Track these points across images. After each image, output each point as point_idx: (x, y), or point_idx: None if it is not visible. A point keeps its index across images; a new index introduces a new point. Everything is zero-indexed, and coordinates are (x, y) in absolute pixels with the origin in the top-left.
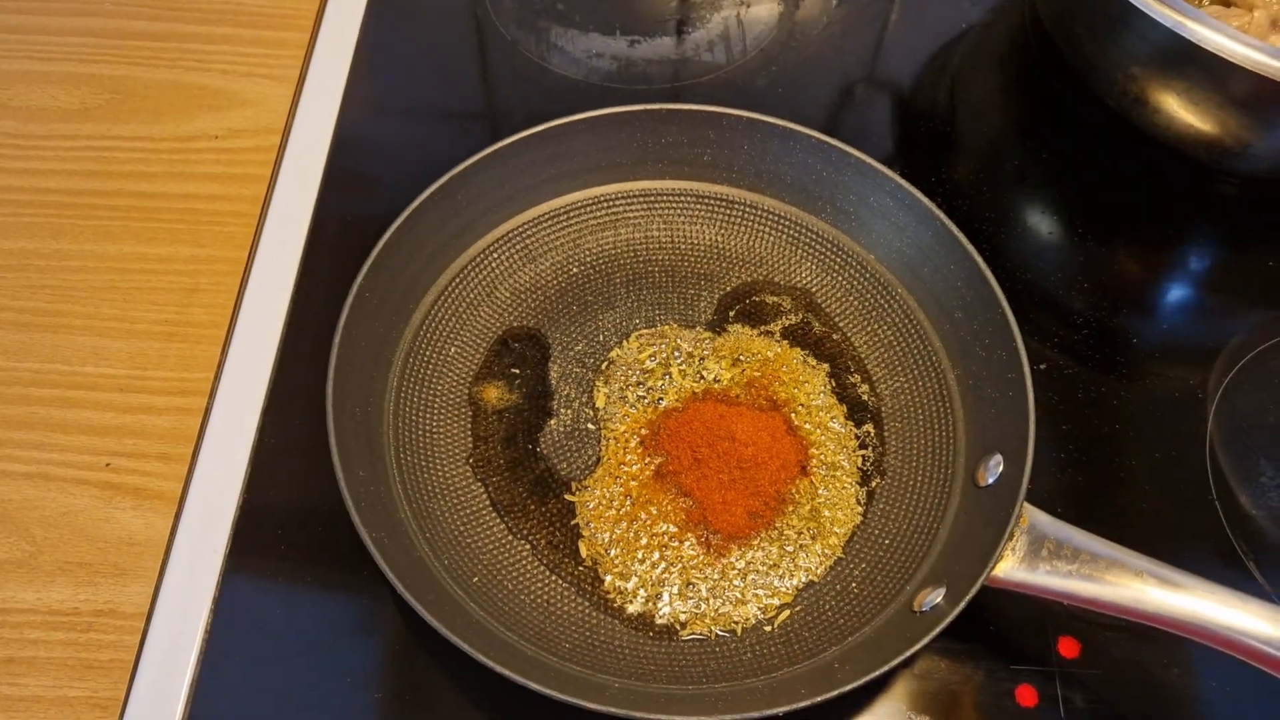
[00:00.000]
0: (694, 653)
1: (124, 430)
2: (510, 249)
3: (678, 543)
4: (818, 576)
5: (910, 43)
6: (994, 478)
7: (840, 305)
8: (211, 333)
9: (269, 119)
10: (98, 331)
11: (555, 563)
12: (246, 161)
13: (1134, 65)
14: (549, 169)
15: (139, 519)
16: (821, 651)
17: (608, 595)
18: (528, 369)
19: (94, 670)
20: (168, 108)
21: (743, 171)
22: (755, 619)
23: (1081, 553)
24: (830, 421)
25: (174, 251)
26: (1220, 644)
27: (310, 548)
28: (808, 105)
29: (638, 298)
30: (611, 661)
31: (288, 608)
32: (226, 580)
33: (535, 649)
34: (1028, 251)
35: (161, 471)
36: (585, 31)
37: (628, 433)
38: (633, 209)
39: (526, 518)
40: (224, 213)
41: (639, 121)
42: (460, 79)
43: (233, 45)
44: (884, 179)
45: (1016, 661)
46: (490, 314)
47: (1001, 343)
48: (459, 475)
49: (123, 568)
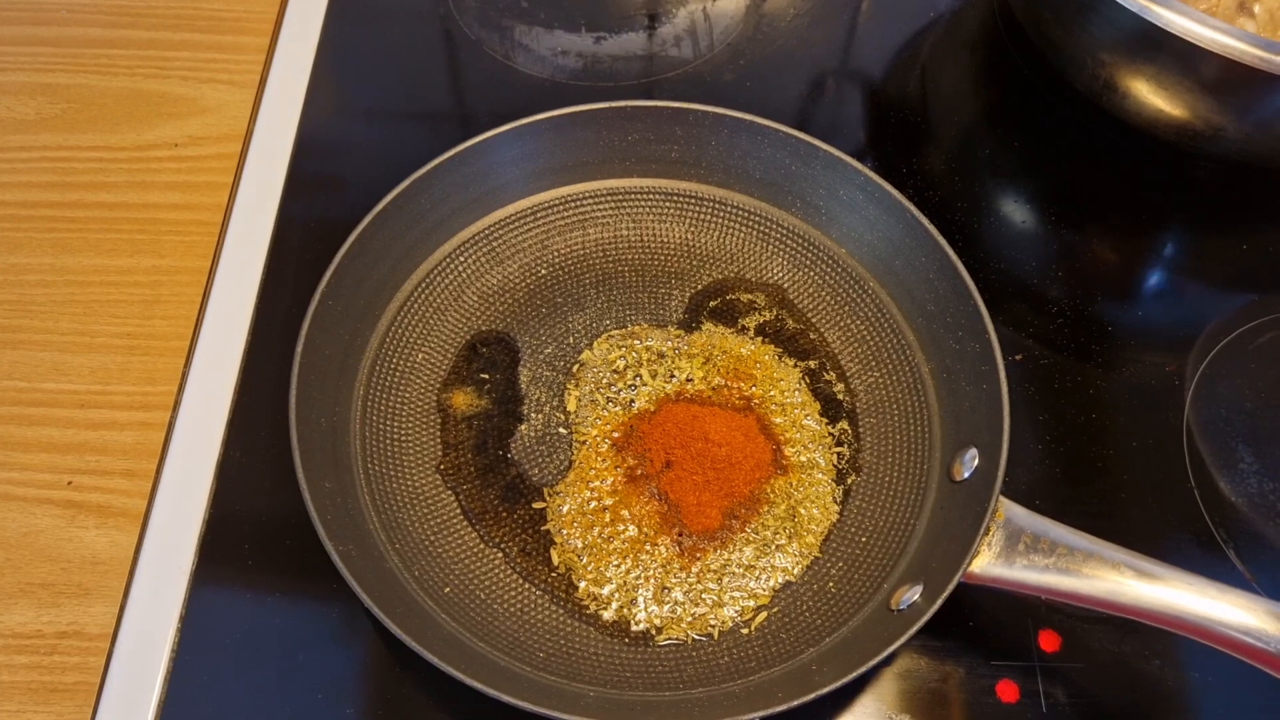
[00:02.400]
0: (670, 658)
1: (86, 447)
2: (477, 252)
3: (652, 546)
4: (794, 577)
5: (879, 33)
6: (969, 472)
7: (813, 301)
8: (174, 345)
9: (230, 125)
10: (57, 346)
11: (528, 570)
12: (207, 169)
13: (1102, 51)
14: (514, 170)
15: (103, 537)
16: (799, 653)
17: (582, 602)
18: (497, 374)
19: (59, 693)
20: (126, 116)
21: (711, 168)
22: (732, 622)
23: (1058, 546)
24: (805, 419)
25: (135, 263)
26: (1199, 635)
27: (279, 562)
28: (777, 99)
29: (608, 298)
30: (587, 670)
31: (257, 624)
32: (194, 598)
33: (509, 659)
34: (1001, 241)
35: (125, 488)
36: (550, 29)
37: (599, 436)
38: (601, 208)
39: (498, 525)
40: (185, 222)
41: (605, 119)
42: (424, 80)
43: (191, 51)
44: (853, 172)
45: (997, 657)
46: (458, 319)
47: (974, 335)
48: (428, 484)
49: (86, 588)
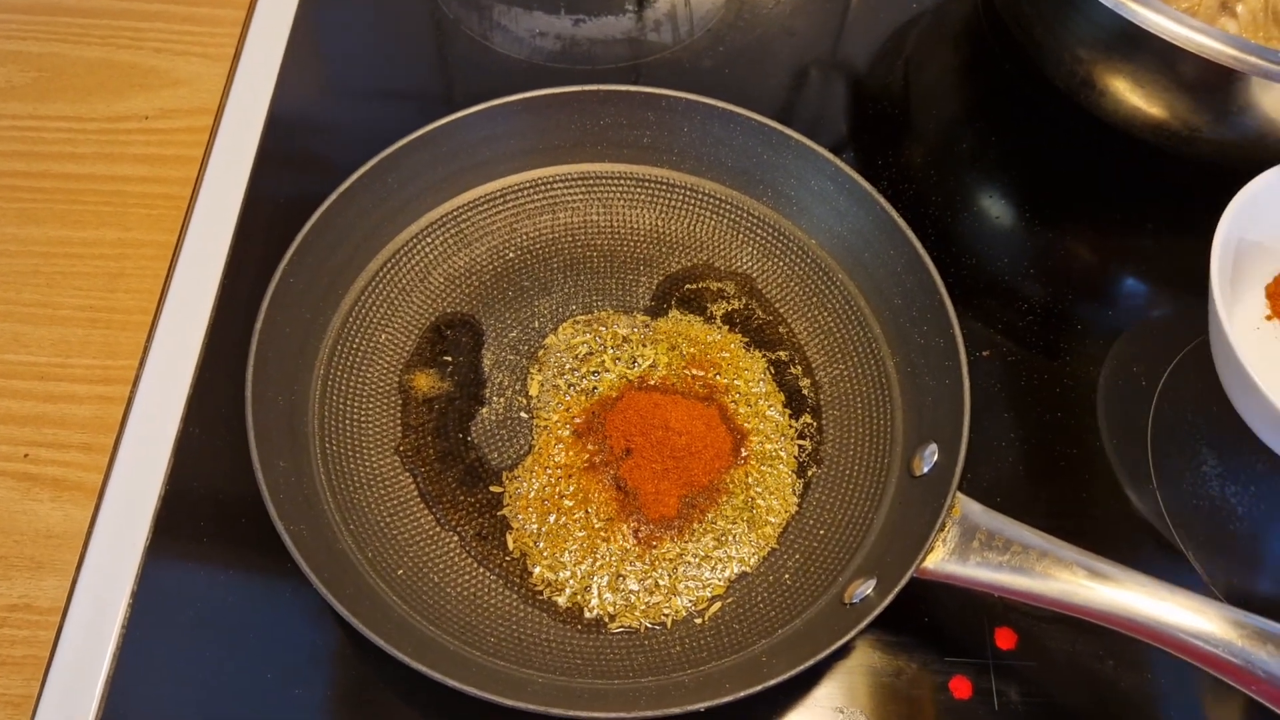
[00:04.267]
0: (622, 646)
1: (44, 419)
2: (444, 233)
3: (609, 534)
4: (750, 567)
5: (863, 24)
6: (929, 467)
7: (781, 291)
8: (137, 319)
9: (202, 99)
10: (19, 317)
11: (483, 555)
12: (178, 142)
13: (1082, 48)
14: (485, 151)
15: (57, 510)
16: (751, 644)
17: (536, 588)
18: (460, 356)
19: (6, 666)
20: (97, 87)
21: (683, 154)
22: (686, 611)
23: (1013, 544)
24: (768, 410)
25: (100, 235)
26: (1152, 638)
27: (234, 540)
28: (757, 87)
29: (575, 283)
30: (537, 656)
31: (210, 602)
32: (146, 574)
33: (459, 644)
34: (975, 236)
35: (82, 462)
36: (529, 10)
37: (560, 422)
38: (571, 192)
39: (455, 509)
40: (153, 195)
41: (577, 103)
42: (399, 59)
43: (166, 22)
44: (824, 162)
45: (952, 653)
46: (423, 300)
47: (939, 330)
48: (387, 465)
49: (39, 561)
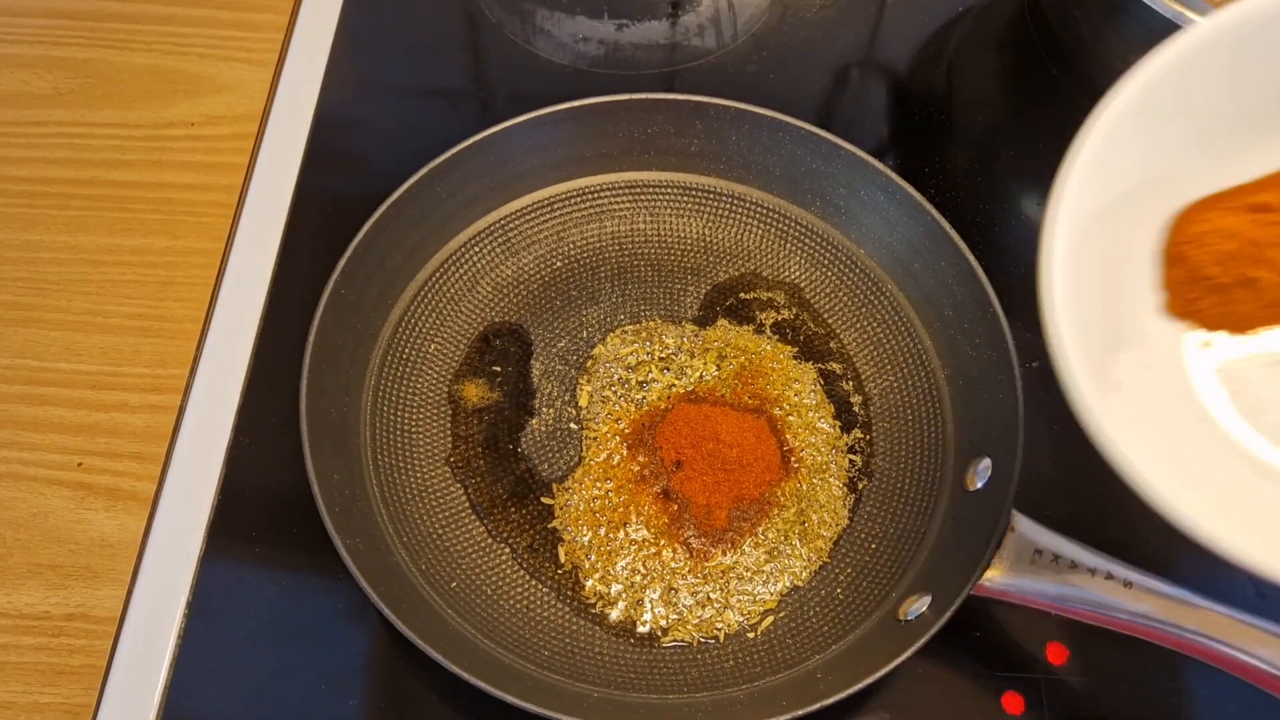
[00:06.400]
0: (675, 660)
1: (97, 428)
2: (492, 242)
3: (660, 547)
4: (802, 581)
5: (905, 26)
6: (983, 482)
7: (829, 301)
8: (187, 328)
9: (246, 105)
10: (70, 326)
11: (535, 567)
12: (223, 149)
13: (1132, 53)
14: (532, 160)
15: (112, 520)
16: (805, 660)
17: (588, 601)
18: (509, 366)
19: (65, 675)
20: (143, 93)
21: (730, 163)
22: (738, 625)
23: (1069, 561)
24: (818, 422)
25: (149, 243)
26: (1205, 656)
27: (287, 549)
28: (799, 92)
29: (622, 292)
30: (591, 670)
31: (263, 611)
32: (200, 583)
33: (513, 657)
34: (1023, 244)
35: (135, 471)
36: (572, 15)
37: (610, 433)
38: (618, 201)
39: (506, 520)
40: (200, 203)
41: (625, 111)
42: (442, 63)
43: (209, 28)
44: (875, 172)
45: (1003, 668)
46: (471, 309)
47: (992, 343)
48: (437, 476)
49: (95, 570)
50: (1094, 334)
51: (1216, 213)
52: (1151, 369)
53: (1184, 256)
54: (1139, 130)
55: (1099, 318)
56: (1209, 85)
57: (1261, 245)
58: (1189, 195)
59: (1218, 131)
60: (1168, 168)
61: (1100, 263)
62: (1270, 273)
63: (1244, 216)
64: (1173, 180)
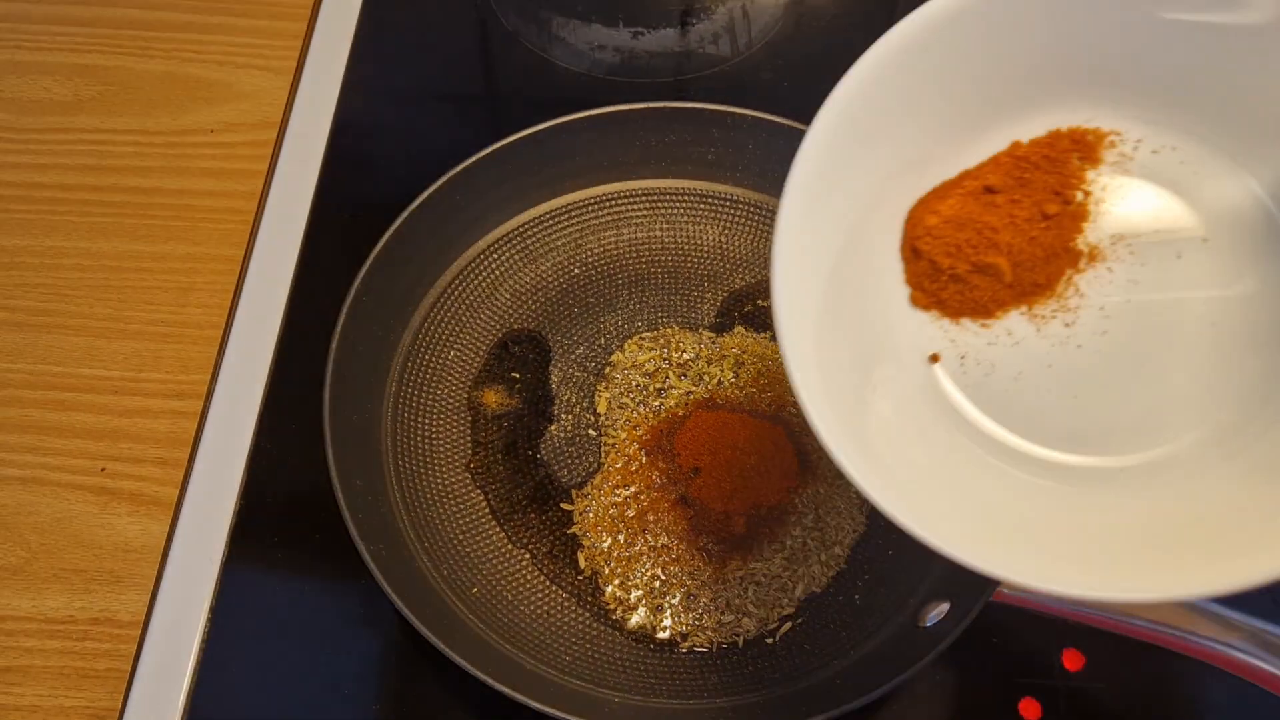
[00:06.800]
0: (695, 666)
1: (119, 434)
2: (511, 249)
3: (678, 553)
4: (820, 587)
5: None
6: None
7: None
8: (208, 333)
9: (265, 112)
10: (92, 332)
11: (555, 573)
12: (242, 156)
13: None
14: (550, 168)
15: (135, 525)
16: (824, 665)
17: (608, 606)
18: (528, 373)
19: (90, 679)
20: (163, 100)
21: (747, 171)
22: (757, 631)
23: None
24: None
25: (170, 249)
26: (1221, 663)
27: (308, 554)
28: (815, 100)
29: (640, 299)
30: (611, 675)
31: (285, 615)
32: (223, 588)
33: (535, 662)
34: None
35: (157, 476)
36: (588, 22)
37: (628, 439)
38: (635, 208)
39: (526, 526)
40: (220, 209)
41: (642, 120)
42: (460, 72)
43: (228, 35)
44: None
45: (1020, 674)
46: (490, 316)
47: None
48: (458, 482)
49: (118, 575)
50: (844, 354)
51: (947, 203)
52: (901, 376)
53: (920, 251)
54: (860, 138)
55: (852, 330)
56: (927, 81)
57: (994, 229)
58: (929, 184)
59: (945, 120)
60: (904, 161)
61: (847, 273)
62: (1004, 256)
63: (973, 202)
64: (913, 171)
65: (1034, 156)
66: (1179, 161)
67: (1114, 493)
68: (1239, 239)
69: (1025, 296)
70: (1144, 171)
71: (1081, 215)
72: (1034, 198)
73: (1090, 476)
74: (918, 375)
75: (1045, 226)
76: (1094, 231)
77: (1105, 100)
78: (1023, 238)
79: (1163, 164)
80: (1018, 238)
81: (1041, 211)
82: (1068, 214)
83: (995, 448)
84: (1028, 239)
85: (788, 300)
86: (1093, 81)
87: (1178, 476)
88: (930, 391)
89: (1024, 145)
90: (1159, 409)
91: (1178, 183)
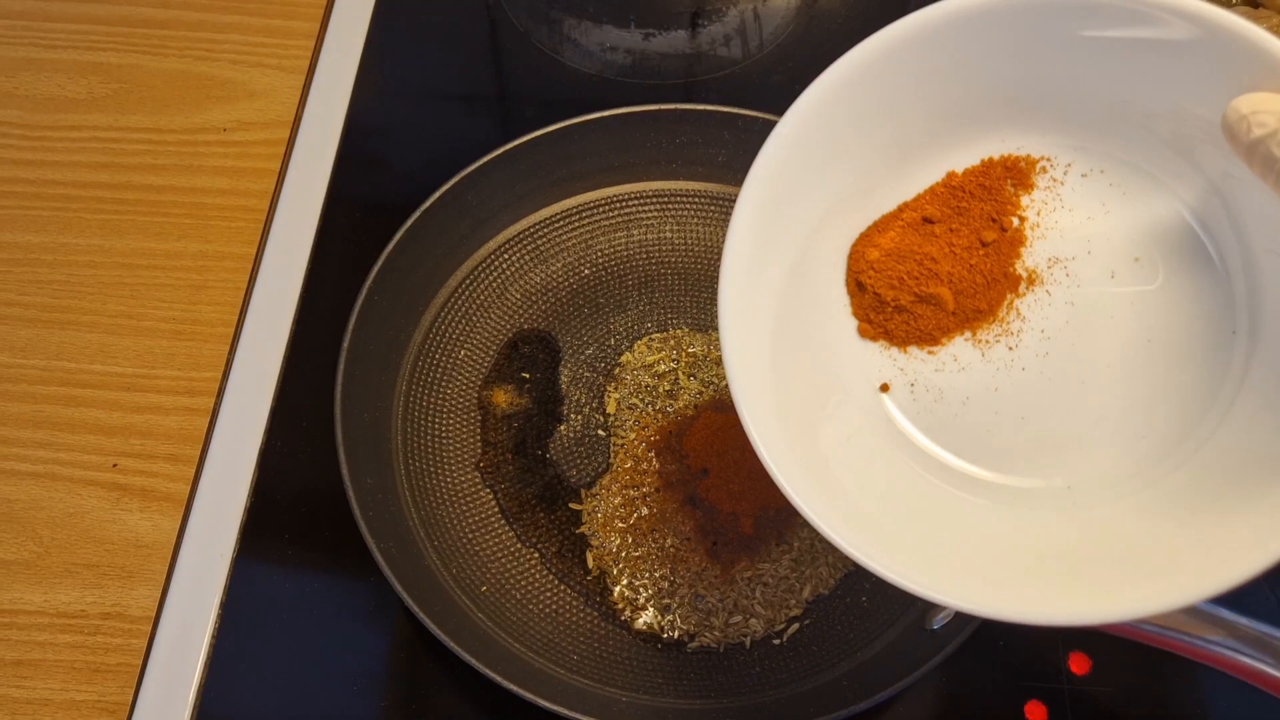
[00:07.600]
0: (702, 666)
1: (131, 430)
2: (521, 250)
3: (687, 553)
4: (828, 589)
5: None
6: None
7: None
8: (219, 331)
9: (277, 111)
10: (105, 328)
11: (563, 572)
12: (255, 155)
13: None
14: (561, 169)
15: (146, 521)
16: (831, 667)
17: (616, 606)
18: (538, 373)
19: (101, 673)
20: (176, 98)
21: None
22: (765, 632)
23: None
24: None
25: (182, 247)
26: (1227, 668)
27: (318, 551)
28: None
29: (650, 300)
30: (619, 674)
31: (295, 611)
32: (234, 584)
33: (543, 661)
34: None
35: (169, 473)
36: (599, 24)
37: (637, 440)
38: (646, 210)
39: (535, 525)
40: (232, 207)
41: (653, 121)
42: (471, 73)
43: (241, 34)
44: None
45: (1026, 677)
46: (501, 316)
47: None
48: (467, 481)
49: (130, 570)
50: (797, 386)
51: (887, 235)
52: (853, 405)
53: (864, 285)
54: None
55: (804, 361)
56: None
57: (935, 259)
58: (870, 218)
59: (880, 154)
60: (843, 195)
61: (795, 306)
62: (946, 286)
63: (913, 234)
64: (853, 205)
65: (969, 185)
66: (1108, 184)
67: (1054, 514)
68: (1168, 256)
69: (969, 323)
70: (1075, 195)
71: (1019, 240)
72: (971, 226)
73: (1036, 499)
74: (869, 404)
75: (984, 254)
76: (1031, 256)
77: (1033, 128)
78: (963, 266)
79: (1092, 187)
80: (958, 266)
81: (980, 239)
82: (1005, 240)
83: (946, 473)
84: (968, 267)
85: (736, 335)
86: (1020, 110)
87: (1106, 499)
88: (881, 420)
89: (959, 175)
90: (1093, 431)
91: (1107, 204)
